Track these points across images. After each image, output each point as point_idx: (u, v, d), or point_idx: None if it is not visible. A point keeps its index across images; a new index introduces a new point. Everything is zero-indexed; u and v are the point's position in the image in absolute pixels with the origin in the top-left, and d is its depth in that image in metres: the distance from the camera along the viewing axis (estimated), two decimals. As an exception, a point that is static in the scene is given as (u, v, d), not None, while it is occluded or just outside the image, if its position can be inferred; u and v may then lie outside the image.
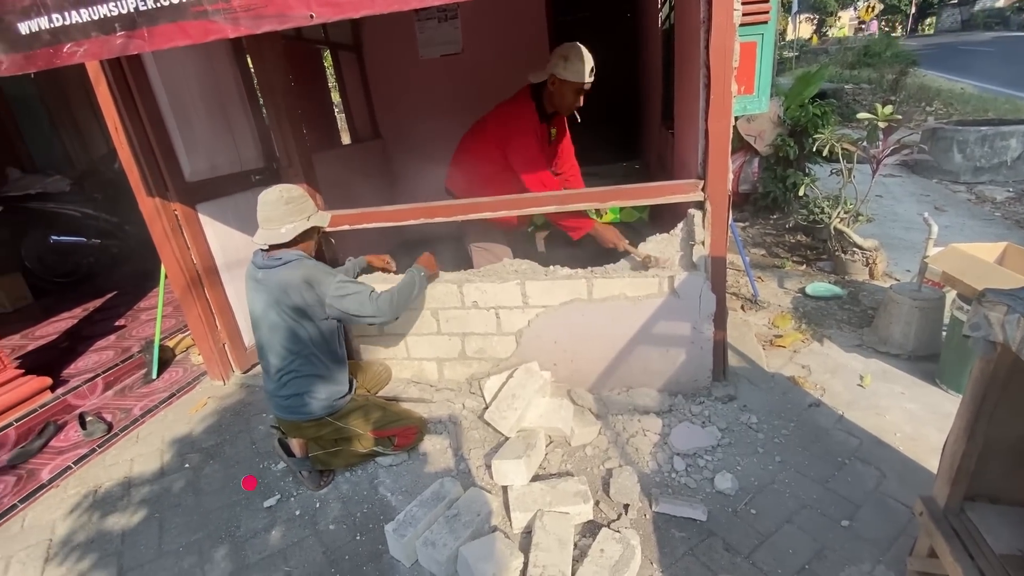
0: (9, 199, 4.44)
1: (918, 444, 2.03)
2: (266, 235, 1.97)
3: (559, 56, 2.45)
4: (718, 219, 2.06)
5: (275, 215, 1.95)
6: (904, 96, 9.83)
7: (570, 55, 2.43)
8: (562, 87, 2.50)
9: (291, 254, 1.98)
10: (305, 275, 1.95)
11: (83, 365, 3.19)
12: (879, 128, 3.12)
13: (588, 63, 2.44)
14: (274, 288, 1.95)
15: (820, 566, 1.60)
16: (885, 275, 3.40)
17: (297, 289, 1.93)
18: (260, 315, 2.03)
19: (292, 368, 2.02)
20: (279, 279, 1.94)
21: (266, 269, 1.98)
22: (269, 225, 1.96)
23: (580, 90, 2.52)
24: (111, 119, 2.47)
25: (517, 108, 2.61)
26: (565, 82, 2.48)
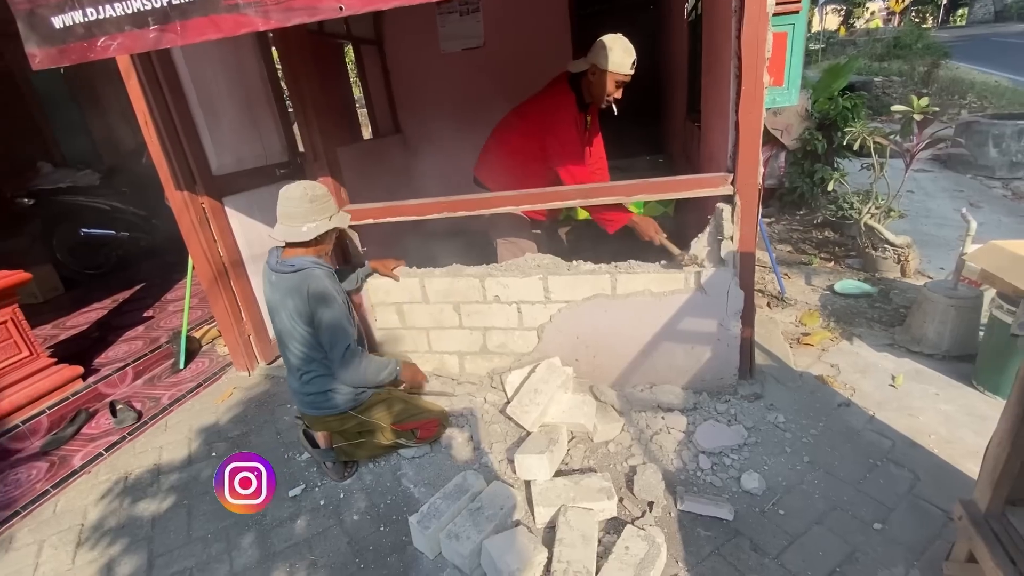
0: (41, 192, 4.56)
1: (953, 447, 1.97)
2: (285, 231, 1.95)
3: (602, 46, 2.40)
4: (748, 213, 2.01)
5: (297, 212, 1.93)
6: (936, 89, 9.53)
7: (614, 46, 2.38)
8: (602, 78, 2.45)
9: (304, 261, 1.96)
10: (310, 288, 1.92)
11: (113, 355, 3.27)
12: (914, 121, 3.02)
13: (631, 55, 2.40)
14: (284, 294, 1.95)
15: (852, 569, 1.56)
16: (918, 272, 3.30)
17: (303, 300, 1.93)
18: (275, 316, 2.04)
19: (311, 368, 2.04)
20: (288, 286, 1.94)
21: (279, 273, 1.98)
22: (290, 222, 1.95)
23: (621, 82, 2.47)
24: (141, 113, 2.51)
25: (558, 98, 2.57)
26: (606, 72, 2.43)
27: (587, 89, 2.54)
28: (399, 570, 1.74)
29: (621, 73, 2.42)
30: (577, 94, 2.56)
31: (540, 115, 2.58)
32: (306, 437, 2.21)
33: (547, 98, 2.61)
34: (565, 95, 2.55)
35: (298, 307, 1.93)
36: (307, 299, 1.92)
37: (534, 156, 2.60)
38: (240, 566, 1.84)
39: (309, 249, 2.00)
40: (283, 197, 1.95)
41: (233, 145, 2.88)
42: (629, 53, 2.39)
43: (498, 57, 4.38)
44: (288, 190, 1.96)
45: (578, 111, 2.58)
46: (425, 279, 2.52)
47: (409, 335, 2.69)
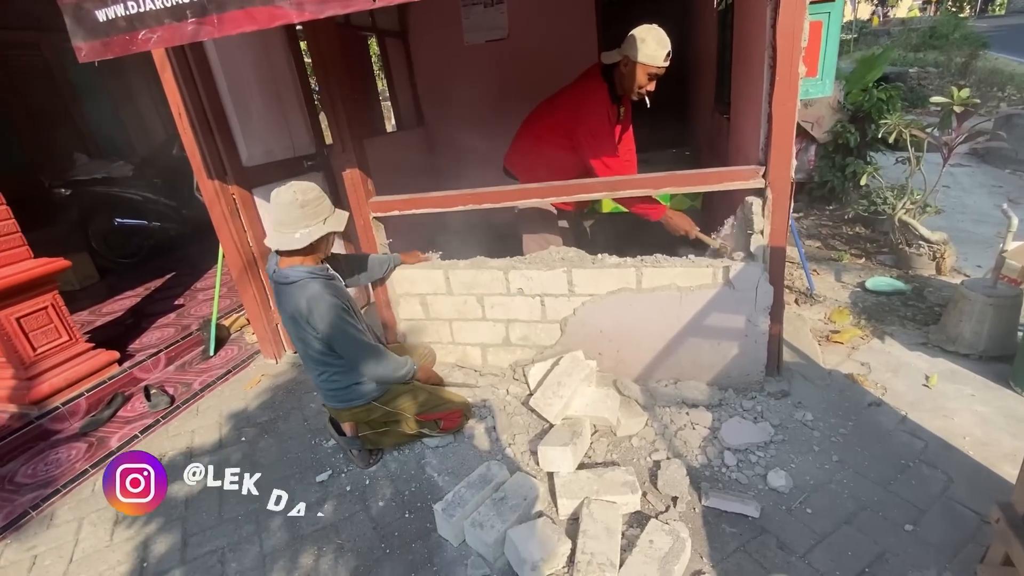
0: (77, 183, 4.71)
1: (989, 449, 1.91)
2: (279, 239, 1.90)
3: (635, 38, 2.36)
4: (779, 207, 1.98)
5: (288, 219, 1.86)
6: (974, 81, 9.19)
7: (647, 37, 2.34)
8: (634, 69, 2.41)
9: (297, 271, 1.91)
10: (305, 306, 1.89)
11: (146, 341, 3.37)
12: (953, 113, 2.91)
13: (665, 47, 2.35)
14: (285, 305, 1.95)
15: (881, 570, 1.54)
16: (953, 270, 3.20)
17: (301, 316, 1.91)
18: (285, 321, 2.04)
19: (328, 367, 2.06)
20: (286, 298, 1.93)
21: (277, 284, 1.97)
22: (282, 229, 1.88)
23: (654, 74, 2.42)
24: (175, 104, 2.57)
25: (590, 89, 2.54)
26: (639, 64, 2.38)
27: (619, 81, 2.51)
28: (424, 556, 1.76)
29: (654, 65, 2.37)
30: (610, 85, 2.52)
31: (572, 106, 2.56)
32: (333, 425, 2.26)
33: (579, 89, 2.59)
34: (597, 86, 2.52)
35: (298, 322, 1.93)
36: (305, 316, 1.90)
37: (565, 147, 2.59)
38: (270, 547, 1.89)
39: (306, 257, 1.95)
40: (274, 203, 1.88)
41: (262, 137, 2.93)
42: (663, 45, 2.34)
43: (522, 49, 4.36)
44: (278, 195, 1.87)
45: (611, 102, 2.54)
46: (449, 271, 2.54)
47: (432, 326, 2.72)
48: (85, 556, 1.96)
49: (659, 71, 2.41)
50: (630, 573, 1.52)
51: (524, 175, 2.72)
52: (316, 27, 2.28)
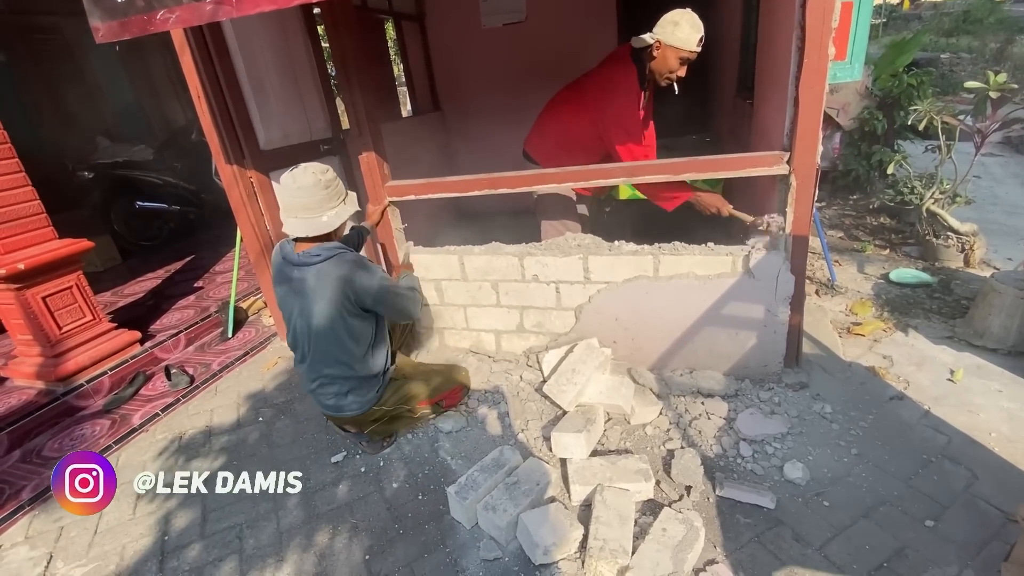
0: (99, 166, 4.79)
1: (1016, 446, 1.86)
2: (305, 225, 1.80)
3: (669, 21, 2.28)
4: (804, 195, 1.93)
5: (313, 201, 1.78)
6: (1010, 67, 8.80)
7: (681, 20, 2.26)
8: (666, 53, 2.33)
9: (330, 247, 1.83)
10: (349, 273, 1.82)
11: (167, 322, 3.44)
12: (989, 99, 2.80)
13: (699, 31, 2.27)
14: (315, 287, 1.82)
15: (900, 564, 1.51)
16: (983, 263, 3.10)
17: (340, 287, 1.81)
18: (298, 317, 1.91)
19: (333, 373, 1.98)
20: (321, 276, 1.81)
21: (303, 267, 1.83)
22: (307, 213, 1.79)
23: (686, 59, 2.35)
24: (194, 87, 2.58)
25: (618, 73, 2.46)
26: (671, 48, 2.31)
27: (650, 64, 2.43)
28: (437, 537, 1.78)
29: (686, 49, 2.29)
30: (639, 69, 2.45)
31: (600, 90, 2.49)
32: (337, 425, 2.23)
33: (607, 72, 2.51)
34: (627, 70, 2.44)
35: (337, 296, 1.83)
36: (352, 290, 1.83)
37: (590, 132, 2.53)
38: (286, 525, 1.92)
39: (327, 242, 1.87)
40: (292, 187, 1.78)
41: (280, 120, 2.93)
42: (697, 29, 2.26)
43: (540, 32, 4.29)
44: (296, 179, 1.78)
45: (639, 87, 2.47)
46: (464, 256, 2.53)
47: (447, 311, 2.72)
48: (109, 528, 2.02)
49: (691, 56, 2.33)
50: (643, 560, 1.52)
51: (545, 160, 2.68)
52: (334, 9, 2.26)
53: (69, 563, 1.89)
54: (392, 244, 2.64)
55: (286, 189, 1.80)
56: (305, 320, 1.91)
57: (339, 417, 2.11)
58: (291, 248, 1.89)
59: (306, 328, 1.93)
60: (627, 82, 2.43)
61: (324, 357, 1.97)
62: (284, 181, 1.81)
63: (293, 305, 1.92)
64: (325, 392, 2.04)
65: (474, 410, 2.33)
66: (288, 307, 1.95)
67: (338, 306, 1.86)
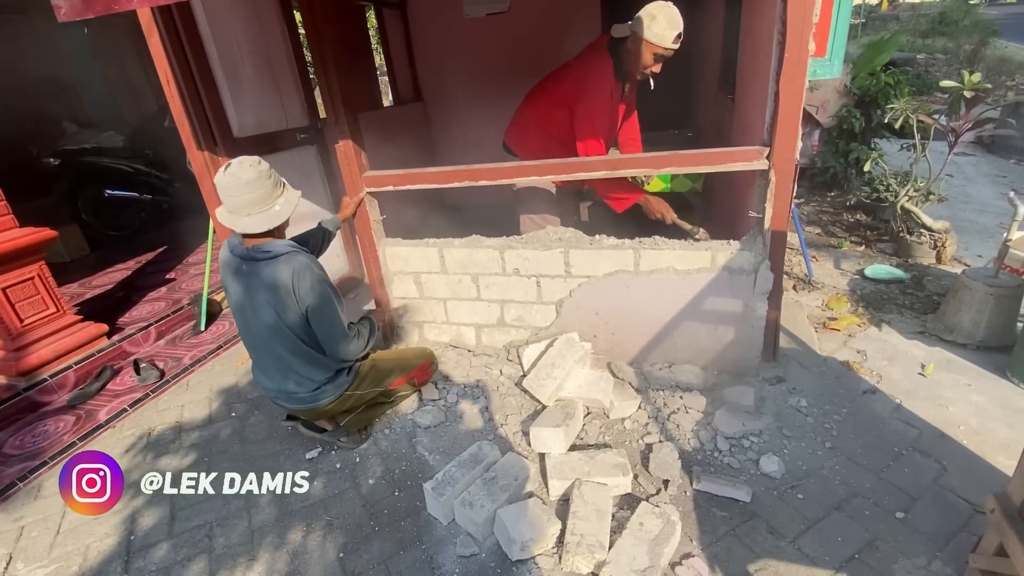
0: (66, 152, 4.61)
1: (984, 439, 1.90)
2: (262, 220, 1.72)
3: (647, 14, 2.24)
4: (782, 190, 1.93)
5: (260, 195, 1.70)
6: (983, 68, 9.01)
7: (658, 15, 2.21)
8: (640, 47, 2.29)
9: (279, 245, 1.76)
10: (298, 277, 1.75)
11: (137, 314, 3.33)
12: (963, 98, 2.85)
13: (676, 28, 2.22)
14: (264, 284, 1.75)
15: (871, 556, 1.53)
16: (954, 259, 3.17)
17: (287, 286, 1.75)
18: (249, 312, 1.84)
19: (301, 363, 1.91)
20: (270, 275, 1.74)
21: (252, 262, 1.76)
22: (259, 208, 1.71)
23: (660, 55, 2.30)
24: (163, 71, 2.48)
25: (594, 64, 2.42)
26: (646, 43, 2.26)
27: (625, 58, 2.39)
28: (413, 534, 1.75)
29: (661, 46, 2.24)
30: (616, 61, 2.41)
31: (574, 81, 2.46)
32: (307, 426, 2.18)
33: (583, 63, 2.48)
34: (602, 61, 2.41)
35: (282, 303, 1.77)
36: (294, 290, 1.76)
37: (564, 125, 2.51)
38: (258, 523, 1.88)
39: (278, 241, 1.81)
40: (237, 184, 1.68)
41: (254, 107, 2.85)
42: (674, 25, 2.21)
43: (524, 23, 4.24)
44: (238, 175, 1.68)
45: (615, 79, 2.44)
46: (444, 249, 2.49)
47: (426, 305, 2.68)
48: (72, 528, 1.95)
49: (666, 53, 2.29)
50: (619, 555, 1.52)
51: (524, 152, 2.65)
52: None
53: (30, 564, 1.82)
54: (370, 236, 2.58)
55: (229, 188, 1.69)
56: (257, 316, 1.82)
57: (314, 410, 2.04)
58: (239, 242, 1.81)
59: (260, 323, 1.84)
60: (602, 75, 2.40)
61: (290, 349, 1.88)
62: (224, 181, 1.69)
63: (241, 298, 1.83)
64: (301, 386, 1.96)
65: (453, 405, 2.31)
66: (238, 301, 1.85)
67: (287, 308, 1.79)
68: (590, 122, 2.42)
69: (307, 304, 1.80)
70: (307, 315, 1.83)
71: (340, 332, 1.90)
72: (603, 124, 2.47)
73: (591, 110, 2.41)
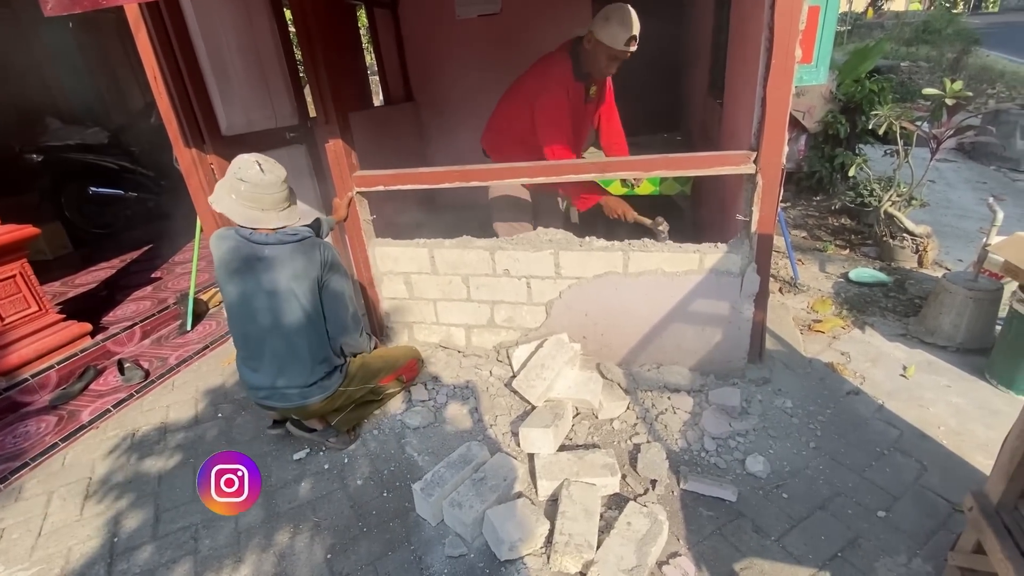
0: (49, 149, 4.53)
1: (963, 439, 1.95)
2: (287, 216, 1.87)
3: (602, 14, 2.27)
4: (769, 194, 1.96)
5: (283, 195, 1.85)
6: (965, 76, 9.22)
7: (611, 16, 2.23)
8: (596, 48, 2.32)
9: (303, 229, 1.92)
10: (324, 254, 1.92)
11: (121, 314, 3.29)
12: (944, 106, 2.91)
13: (629, 30, 2.23)
14: (291, 265, 1.84)
15: (854, 554, 1.56)
16: (935, 263, 3.24)
17: (316, 261, 1.89)
18: (258, 301, 1.85)
19: (294, 361, 1.93)
20: (301, 253, 1.86)
21: (276, 245, 1.84)
22: (283, 206, 1.86)
23: (614, 57, 2.32)
24: (150, 68, 2.45)
25: (552, 64, 2.46)
26: (599, 43, 2.29)
27: (583, 58, 2.40)
28: (401, 535, 1.75)
29: (614, 48, 2.26)
30: (576, 61, 2.42)
31: (533, 79, 2.48)
32: (297, 425, 2.15)
33: (542, 61, 2.51)
34: (560, 62, 2.43)
35: (310, 275, 1.88)
36: (321, 265, 1.90)
37: (528, 123, 2.51)
38: (244, 524, 1.86)
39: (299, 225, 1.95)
40: (260, 184, 1.78)
41: (243, 105, 2.83)
42: (626, 28, 2.22)
43: (516, 24, 4.26)
44: (261, 175, 1.78)
45: (574, 79, 2.43)
46: (435, 250, 2.49)
47: (417, 306, 2.68)
48: (54, 530, 1.92)
49: (620, 55, 2.30)
50: (607, 554, 1.53)
51: (497, 156, 2.67)
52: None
53: (10, 567, 1.78)
54: (360, 236, 2.57)
55: (252, 187, 1.77)
56: (276, 299, 1.84)
57: (303, 409, 2.04)
58: (249, 233, 1.84)
59: (269, 318, 1.86)
60: (555, 74, 2.41)
61: (286, 350, 1.90)
62: (264, 179, 1.78)
63: (256, 292, 1.84)
64: (286, 389, 1.95)
65: (442, 406, 2.31)
66: (247, 297, 1.85)
67: (312, 284, 1.90)
68: (548, 117, 2.42)
69: (330, 278, 1.93)
70: (323, 297, 1.94)
71: (352, 316, 2.02)
72: (563, 120, 2.45)
73: (547, 105, 2.41)
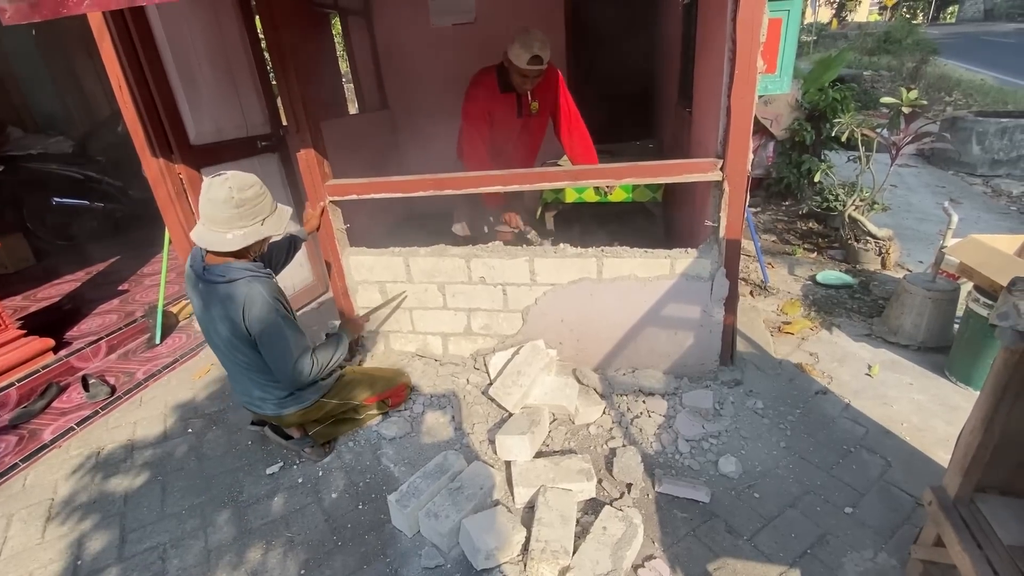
0: (10, 158, 4.38)
1: (924, 435, 2.01)
2: (209, 238, 1.69)
3: (513, 36, 2.46)
4: (736, 200, 2.01)
5: (221, 217, 1.65)
6: (924, 85, 9.61)
7: (516, 39, 2.44)
8: (509, 66, 2.53)
9: (235, 269, 1.73)
10: (247, 308, 1.72)
11: (86, 328, 3.18)
12: (902, 114, 3.03)
13: (529, 51, 2.42)
14: (217, 308, 1.75)
15: (822, 551, 1.60)
16: (897, 265, 3.35)
17: (238, 319, 1.74)
18: (209, 328, 1.84)
19: (258, 379, 1.91)
20: (221, 300, 1.73)
21: (207, 283, 1.74)
22: (213, 227, 1.68)
23: (524, 74, 2.52)
24: (115, 76, 2.40)
25: (480, 76, 2.68)
26: (509, 62, 2.51)
27: (507, 73, 2.61)
28: (377, 548, 1.73)
29: (519, 66, 2.46)
30: (502, 75, 2.62)
31: (466, 92, 2.69)
32: (275, 431, 2.15)
33: (472, 76, 2.72)
34: (486, 75, 2.66)
35: (235, 326, 1.75)
36: (243, 319, 1.73)
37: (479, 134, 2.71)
38: (215, 542, 1.81)
39: (237, 262, 1.76)
40: (206, 197, 1.66)
41: (212, 114, 2.79)
42: (528, 49, 2.42)
43: (490, 34, 4.26)
44: (211, 188, 1.65)
45: (499, 91, 2.64)
46: (409, 258, 2.49)
47: (392, 315, 2.66)
48: (14, 554, 1.84)
49: (525, 72, 2.49)
50: (583, 560, 1.53)
51: (467, 161, 2.82)
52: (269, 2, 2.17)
53: (-36, 596, 1.71)
54: (333, 245, 2.55)
55: (203, 195, 1.67)
56: (217, 333, 1.83)
57: (281, 419, 2.03)
58: (202, 255, 1.78)
59: (221, 340, 1.85)
60: (482, 83, 2.64)
61: (248, 364, 1.89)
62: (203, 185, 1.67)
63: (202, 314, 1.84)
64: (261, 401, 1.98)
65: (419, 415, 2.29)
66: (203, 320, 1.86)
67: (240, 330, 1.77)
68: (467, 120, 2.68)
69: (255, 332, 1.77)
70: (257, 345, 1.82)
71: (289, 361, 1.81)
72: (480, 124, 2.68)
73: (468, 111, 2.67)
